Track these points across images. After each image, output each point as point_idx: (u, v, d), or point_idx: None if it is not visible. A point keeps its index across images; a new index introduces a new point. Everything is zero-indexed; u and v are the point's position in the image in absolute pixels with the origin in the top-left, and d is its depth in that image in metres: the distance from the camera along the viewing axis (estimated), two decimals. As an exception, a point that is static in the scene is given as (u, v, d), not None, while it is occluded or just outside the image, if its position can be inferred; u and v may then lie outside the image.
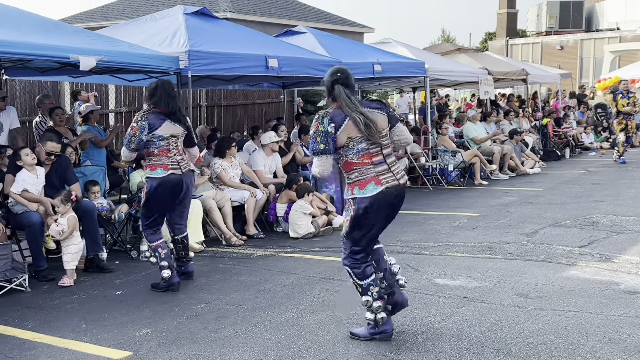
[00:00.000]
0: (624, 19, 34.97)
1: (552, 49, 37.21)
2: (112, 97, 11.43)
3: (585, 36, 36.12)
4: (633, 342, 4.01)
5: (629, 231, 7.24)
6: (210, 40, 7.95)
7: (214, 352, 4.09)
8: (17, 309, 5.11)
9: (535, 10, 40.24)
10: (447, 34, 55.86)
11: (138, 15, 18.30)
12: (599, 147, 17.08)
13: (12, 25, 6.09)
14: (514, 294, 5.11)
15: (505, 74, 15.76)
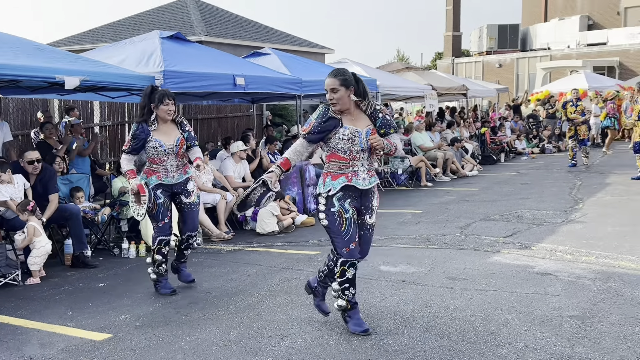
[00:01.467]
0: (554, 39, 35.88)
1: (492, 66, 37.96)
2: (97, 112, 11.46)
3: (520, 55, 36.93)
4: (539, 315, 4.29)
5: (547, 223, 7.59)
6: (183, 61, 8.07)
7: (184, 332, 4.25)
8: (11, 301, 5.19)
9: (477, 32, 41.03)
10: (402, 54, 56.56)
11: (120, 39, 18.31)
12: (530, 152, 17.58)
13: (6, 49, 6.16)
14: (445, 277, 5.38)
15: (447, 89, 16.17)
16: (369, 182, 4.07)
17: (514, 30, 39.12)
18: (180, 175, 5.29)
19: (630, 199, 8.99)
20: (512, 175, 12.93)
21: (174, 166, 5.24)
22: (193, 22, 18.07)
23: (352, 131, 4.00)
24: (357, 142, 4.00)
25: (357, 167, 4.04)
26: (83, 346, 4.06)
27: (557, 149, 18.28)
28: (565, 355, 3.56)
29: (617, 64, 31.45)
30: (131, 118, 12.02)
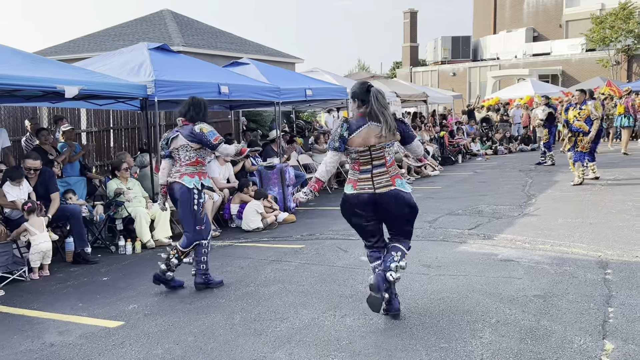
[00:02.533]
0: (502, 50, 36.91)
1: (446, 75, 38.80)
2: (84, 119, 11.41)
3: (472, 65, 37.86)
4: (506, 295, 4.60)
5: (506, 216, 7.97)
6: (171, 70, 8.19)
7: (191, 318, 4.41)
8: (21, 295, 5.25)
9: (433, 43, 41.88)
10: (363, 63, 57.19)
11: (100, 49, 18.15)
12: (484, 153, 18.14)
13: (5, 60, 6.19)
14: (420, 265, 5.66)
15: (410, 96, 16.60)
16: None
17: (466, 42, 40.09)
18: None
19: (576, 195, 9.46)
20: (470, 175, 13.38)
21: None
22: (171, 33, 18.05)
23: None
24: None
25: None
26: (99, 332, 4.19)
27: (509, 151, 18.91)
28: (532, 328, 3.86)
29: (560, 72, 32.60)
30: (116, 124, 12.00)
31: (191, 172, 5.09)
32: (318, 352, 3.66)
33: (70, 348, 3.92)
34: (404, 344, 3.70)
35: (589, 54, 31.76)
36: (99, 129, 11.72)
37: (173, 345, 3.87)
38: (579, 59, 32.26)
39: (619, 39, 28.60)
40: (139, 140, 12.47)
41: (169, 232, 7.49)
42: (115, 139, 12.03)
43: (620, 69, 29.83)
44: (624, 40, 28.72)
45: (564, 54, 33.03)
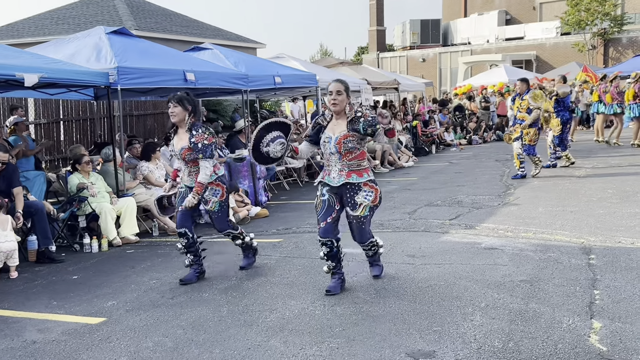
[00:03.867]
0: (474, 34, 37.87)
1: (415, 61, 39.58)
2: (32, 110, 11.36)
3: (442, 50, 38.72)
4: (492, 281, 5.00)
5: (486, 206, 8.43)
6: (134, 56, 8.31)
7: (176, 313, 4.65)
8: (-14, 296, 5.37)
9: (400, 27, 42.61)
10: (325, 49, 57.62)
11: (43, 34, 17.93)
12: (458, 143, 18.77)
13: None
14: (404, 255, 6.02)
15: (380, 83, 17.03)
16: (337, 180, 4.77)
17: (436, 26, 40.96)
18: (192, 181, 5.42)
19: (555, 184, 10.04)
20: (446, 165, 13.90)
21: (186, 172, 5.46)
22: (122, 16, 17.96)
23: (325, 137, 4.78)
24: (327, 147, 4.75)
25: (331, 167, 4.81)
26: (81, 329, 4.38)
27: (483, 140, 19.60)
28: (521, 310, 4.26)
29: (534, 58, 33.70)
30: (66, 115, 11.98)
31: None
32: (313, 339, 3.96)
33: (54, 345, 4.11)
34: (397, 329, 4.04)
35: (564, 38, 32.96)
36: (47, 121, 11.69)
37: (163, 338, 4.11)
38: (553, 44, 33.44)
39: (595, 22, 29.77)
40: (91, 132, 12.48)
41: (135, 229, 7.65)
42: (66, 131, 12.01)
43: (596, 54, 31.07)
44: (600, 23, 29.91)
45: (538, 38, 34.17)
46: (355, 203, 4.80)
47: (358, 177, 4.78)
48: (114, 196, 7.71)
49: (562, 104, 11.70)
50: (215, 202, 5.45)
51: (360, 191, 4.79)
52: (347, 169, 4.76)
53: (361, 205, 4.80)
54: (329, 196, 4.83)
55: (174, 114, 5.32)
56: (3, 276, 6.02)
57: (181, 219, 5.50)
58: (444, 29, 40.61)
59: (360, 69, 18.08)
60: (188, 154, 5.32)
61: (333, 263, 4.92)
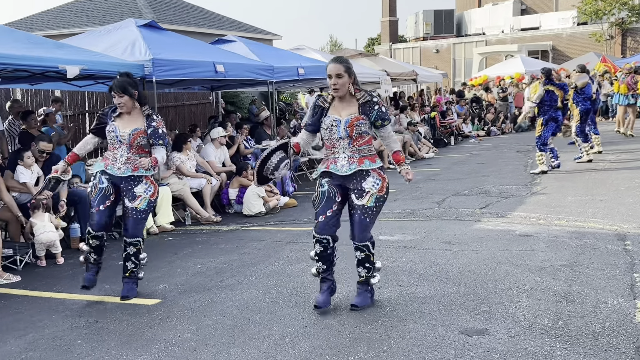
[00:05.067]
0: (488, 25, 37.82)
1: (429, 52, 39.56)
2: (59, 101, 11.60)
3: (456, 40, 38.68)
4: (533, 265, 5.19)
5: (514, 196, 8.61)
6: (166, 49, 8.52)
7: (227, 295, 4.87)
8: (39, 280, 5.65)
9: (413, 18, 42.57)
10: (335, 40, 57.63)
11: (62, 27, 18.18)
12: (477, 134, 18.89)
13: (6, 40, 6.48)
14: (440, 242, 6.22)
15: (399, 74, 17.18)
16: (348, 168, 4.26)
17: (449, 16, 40.88)
18: (128, 169, 4.87)
19: (581, 174, 10.18)
20: (467, 157, 14.05)
21: (124, 158, 4.87)
22: (140, 9, 18.19)
23: (332, 120, 4.28)
24: (335, 130, 4.26)
25: (338, 154, 4.30)
26: (140, 309, 4.62)
27: (502, 132, 19.71)
28: (565, 292, 4.45)
29: (550, 48, 33.64)
30: (92, 107, 12.24)
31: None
32: (365, 318, 4.17)
33: (117, 323, 4.34)
34: (446, 309, 4.24)
35: (580, 28, 32.87)
36: (74, 112, 11.95)
37: (221, 317, 4.33)
38: (570, 34, 33.36)
39: (613, 12, 29.67)
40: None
41: (171, 218, 7.90)
42: (91, 122, 12.24)
43: (614, 44, 30.99)
44: (617, 12, 29.78)
45: (554, 28, 34.09)
46: (362, 190, 4.27)
47: (371, 162, 4.29)
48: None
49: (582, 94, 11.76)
50: (144, 199, 4.90)
51: (368, 177, 4.27)
52: (359, 154, 4.27)
53: (368, 193, 4.26)
54: (329, 187, 4.34)
55: (122, 104, 4.85)
56: (50, 262, 6.28)
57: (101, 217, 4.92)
58: (458, 19, 40.55)
59: (379, 60, 18.23)
60: (141, 137, 4.86)
61: (324, 266, 4.43)
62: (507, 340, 3.66)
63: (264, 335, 3.96)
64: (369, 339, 3.81)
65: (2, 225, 6.20)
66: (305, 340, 3.86)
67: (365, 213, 4.32)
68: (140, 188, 4.91)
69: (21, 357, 3.86)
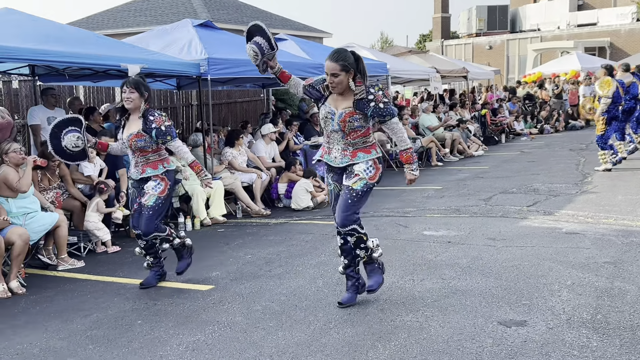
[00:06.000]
0: (544, 20, 37.02)
1: (481, 48, 39.02)
2: (118, 99, 12.16)
3: (510, 37, 38.02)
4: (577, 262, 5.24)
5: (563, 194, 8.57)
6: (220, 48, 8.85)
7: (275, 283, 5.13)
8: (102, 266, 6.04)
9: (466, 14, 42.06)
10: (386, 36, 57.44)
11: (121, 26, 18.91)
12: (529, 132, 18.65)
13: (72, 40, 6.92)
14: (485, 238, 6.31)
15: (449, 71, 17.11)
16: (340, 160, 4.27)
17: (503, 12, 40.20)
18: (138, 172, 5.04)
19: (633, 173, 10.02)
20: (517, 154, 13.94)
21: (133, 161, 5.06)
22: (196, 8, 18.75)
23: (327, 111, 4.24)
24: (329, 122, 4.24)
25: (333, 145, 4.32)
26: (194, 294, 4.93)
27: (555, 130, 19.39)
28: (607, 288, 4.51)
29: (607, 45, 32.69)
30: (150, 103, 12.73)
31: None
32: (407, 308, 4.34)
33: (174, 306, 4.66)
34: (486, 302, 4.37)
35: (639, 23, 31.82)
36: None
37: (269, 303, 4.59)
38: (629, 30, 32.34)
39: (675, 7, 28.62)
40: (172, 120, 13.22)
41: (223, 210, 8.23)
42: (149, 118, 12.78)
43: (675, 40, 29.88)
44: (680, 8, 28.73)
45: (612, 24, 33.10)
46: (352, 172, 4.24)
47: (365, 154, 4.26)
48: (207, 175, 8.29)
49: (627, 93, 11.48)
50: (152, 196, 4.98)
51: (362, 163, 4.25)
52: (352, 147, 4.25)
53: (357, 175, 4.21)
54: (334, 186, 4.39)
55: (130, 99, 4.90)
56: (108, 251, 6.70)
57: (137, 219, 5.15)
58: (512, 15, 39.84)
59: (429, 57, 18.19)
60: (136, 140, 4.93)
61: (346, 260, 4.44)
62: (545, 331, 3.77)
63: (309, 321, 4.19)
64: (409, 327, 3.99)
65: (67, 214, 6.62)
66: (348, 326, 4.06)
67: (350, 194, 4.21)
68: (150, 185, 5.01)
69: (87, 335, 4.21)
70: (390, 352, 3.62)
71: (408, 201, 8.82)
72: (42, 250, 6.11)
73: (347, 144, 4.27)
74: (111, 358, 3.76)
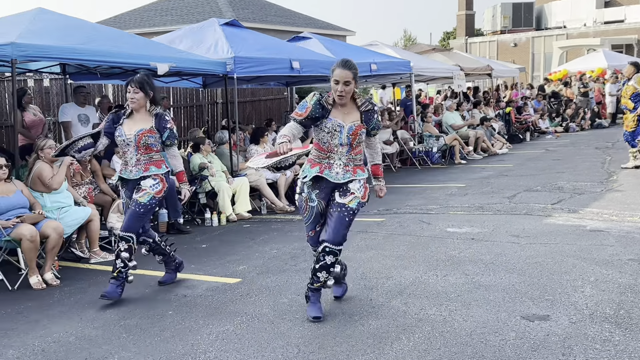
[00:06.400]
0: (570, 17, 36.60)
1: (506, 46, 38.70)
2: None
3: (535, 34, 37.66)
4: (601, 259, 5.27)
5: (588, 192, 8.55)
6: (246, 47, 9.00)
7: (301, 277, 5.24)
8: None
9: (491, 11, 41.75)
10: (409, 34, 57.23)
11: (147, 25, 19.20)
12: (554, 131, 18.51)
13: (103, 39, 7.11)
14: (509, 235, 6.35)
15: (473, 69, 17.07)
16: (342, 176, 4.16)
17: (529, 9, 39.80)
18: (139, 171, 4.86)
19: (661, 171, 9.94)
20: (542, 153, 13.88)
21: (133, 160, 4.87)
22: (221, 7, 18.97)
23: (334, 124, 4.11)
24: (336, 136, 4.11)
25: (334, 160, 4.15)
26: (222, 287, 5.06)
27: (581, 128, 19.20)
28: (631, 284, 4.54)
29: (635, 42, 32.22)
30: (176, 102, 12.96)
31: None
32: (430, 302, 4.42)
33: (202, 298, 4.80)
34: (510, 297, 4.43)
35: (669, 20, 31.30)
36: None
37: (295, 296, 4.71)
38: (658, 27, 31.82)
39: None
40: (197, 118, 13.43)
41: (248, 206, 8.38)
42: (175, 117, 12.99)
43: None
44: None
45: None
46: (347, 190, 4.17)
47: (362, 172, 4.25)
48: (229, 176, 8.45)
49: None
50: (148, 194, 4.82)
51: (354, 181, 4.19)
52: (353, 164, 4.20)
53: (353, 194, 4.17)
54: (318, 202, 4.24)
55: (135, 100, 4.81)
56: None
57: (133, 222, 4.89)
58: (538, 12, 39.44)
59: (452, 55, 18.15)
60: (148, 136, 4.82)
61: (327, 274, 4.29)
62: (568, 325, 3.82)
63: (335, 313, 4.29)
64: (433, 320, 4.07)
65: (99, 209, 6.81)
66: (373, 318, 4.16)
67: (346, 212, 4.17)
68: (148, 182, 4.85)
69: (120, 324, 4.36)
70: (414, 343, 3.71)
71: (431, 199, 8.88)
72: (75, 244, 6.30)
73: (349, 159, 4.18)
74: (145, 346, 3.91)
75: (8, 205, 5.49)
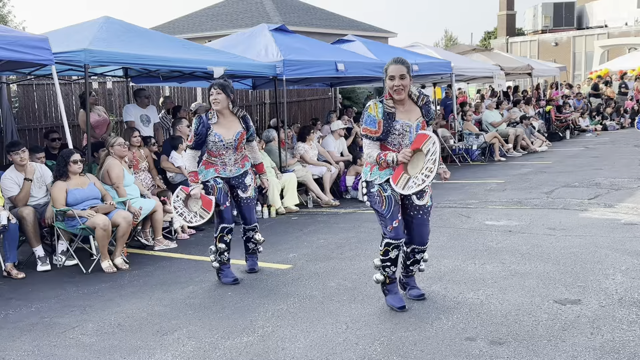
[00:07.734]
0: (611, 17, 35.75)
1: (547, 45, 38.06)
2: (199, 98, 12.86)
3: (577, 33, 36.93)
4: (633, 250, 5.37)
5: (625, 188, 8.55)
6: (293, 50, 9.33)
7: (347, 264, 5.52)
8: (184, 247, 6.60)
9: (532, 11, 41.11)
10: (450, 34, 56.72)
11: (200, 30, 19.77)
12: (594, 129, 18.27)
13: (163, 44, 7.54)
14: (545, 228, 6.48)
15: (513, 69, 17.00)
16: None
17: (570, 8, 39.05)
18: (239, 168, 5.24)
19: (700, 168, 9.82)
20: (581, 150, 13.79)
21: (232, 160, 5.20)
22: (269, 12, 19.40)
23: (403, 125, 4.04)
24: (407, 136, 4.04)
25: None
26: (275, 272, 5.39)
27: (620, 126, 18.88)
28: (661, 273, 4.66)
29: (678, 40, 31.26)
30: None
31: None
32: (469, 287, 4.64)
33: (258, 282, 5.13)
34: (544, 283, 4.60)
35: None
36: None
37: (342, 281, 4.99)
38: (702, 24, 30.80)
39: None
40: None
41: (296, 200, 8.70)
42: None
43: None
44: None
45: (684, 19, 31.60)
46: (422, 191, 4.07)
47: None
48: (278, 171, 8.79)
49: None
50: (253, 188, 5.33)
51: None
52: None
53: (426, 193, 4.20)
54: (391, 192, 4.13)
55: (218, 100, 5.04)
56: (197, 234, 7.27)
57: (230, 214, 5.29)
58: (579, 12, 38.66)
59: (493, 55, 18.10)
60: (245, 137, 5.22)
61: (394, 268, 4.29)
62: (597, 309, 3.99)
63: (379, 296, 4.55)
64: (471, 303, 4.29)
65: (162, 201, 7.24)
66: (414, 301, 4.40)
67: (427, 212, 4.23)
68: (248, 179, 5.28)
69: (185, 303, 4.73)
70: (453, 322, 3.94)
71: (470, 194, 9.02)
72: (141, 233, 6.73)
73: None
74: (209, 321, 4.25)
75: (83, 197, 5.94)
